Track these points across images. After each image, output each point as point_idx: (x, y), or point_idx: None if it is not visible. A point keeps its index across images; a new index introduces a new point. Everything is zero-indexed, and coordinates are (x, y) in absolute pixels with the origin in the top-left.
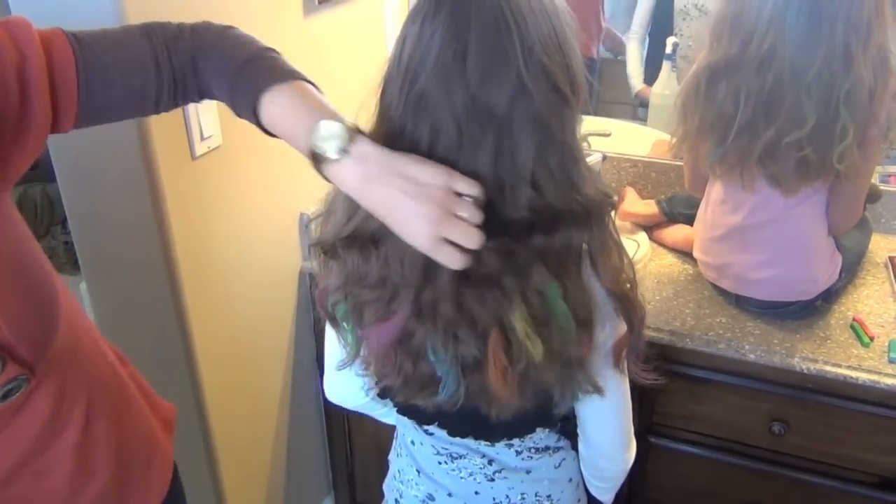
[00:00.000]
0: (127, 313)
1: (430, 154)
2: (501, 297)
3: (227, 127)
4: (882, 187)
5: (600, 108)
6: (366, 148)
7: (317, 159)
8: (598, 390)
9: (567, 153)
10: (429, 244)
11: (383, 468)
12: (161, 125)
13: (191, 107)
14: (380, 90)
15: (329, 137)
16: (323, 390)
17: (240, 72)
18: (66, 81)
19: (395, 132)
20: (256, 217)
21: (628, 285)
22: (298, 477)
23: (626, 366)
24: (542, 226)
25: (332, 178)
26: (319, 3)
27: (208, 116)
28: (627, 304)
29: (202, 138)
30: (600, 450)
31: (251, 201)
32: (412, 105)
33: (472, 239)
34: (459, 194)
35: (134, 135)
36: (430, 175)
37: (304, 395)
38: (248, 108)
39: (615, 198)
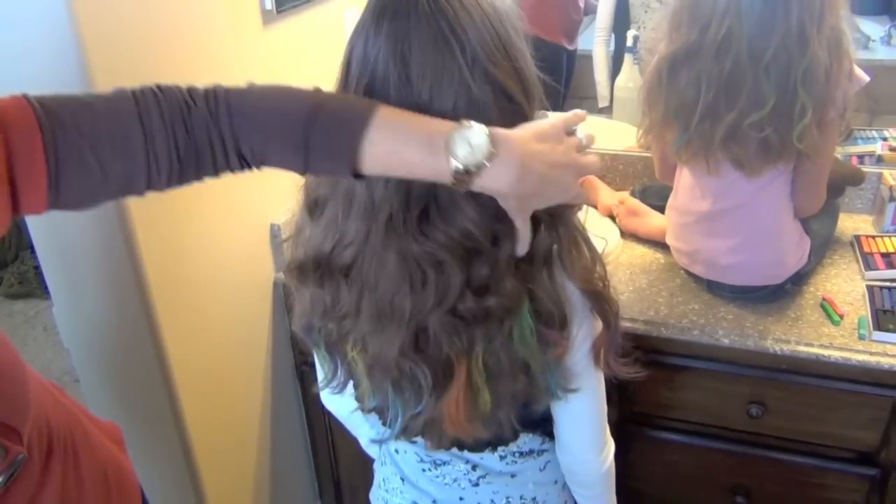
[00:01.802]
0: (100, 335)
1: None
2: (469, 331)
3: None
4: None
5: (567, 103)
6: (504, 137)
7: (464, 177)
8: (571, 391)
9: None
10: (578, 186)
11: (368, 474)
12: None
13: None
14: None
15: (471, 148)
16: (316, 400)
17: (311, 125)
18: (29, 161)
19: None
20: (226, 230)
21: (600, 283)
22: (284, 488)
23: (602, 366)
24: (508, 234)
25: (486, 184)
26: (278, 12)
27: None
28: (601, 301)
29: None
30: (573, 452)
31: (220, 215)
32: None
33: (595, 165)
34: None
35: None
36: (550, 128)
37: (285, 406)
38: (337, 161)
39: (581, 196)
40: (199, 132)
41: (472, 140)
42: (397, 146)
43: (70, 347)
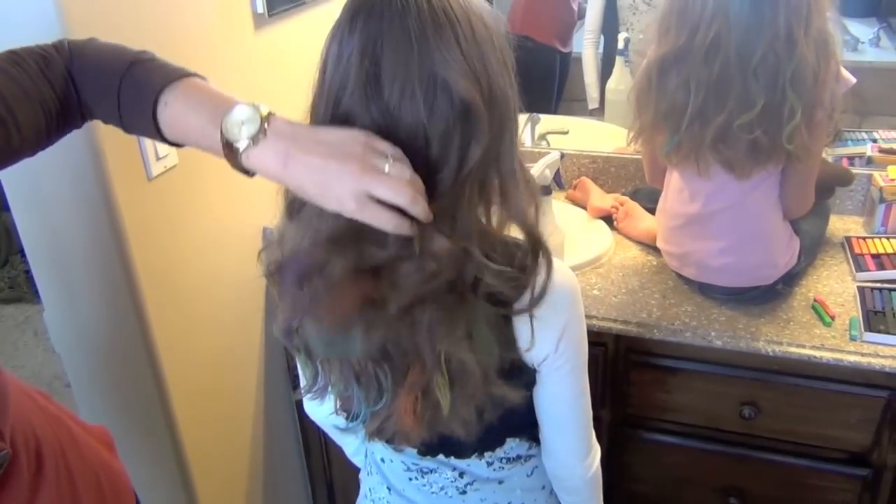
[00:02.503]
0: (91, 340)
1: None
2: (429, 333)
3: (181, 150)
4: None
5: (560, 106)
6: (281, 124)
7: (233, 150)
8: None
9: (492, 170)
10: (355, 203)
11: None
12: (113, 148)
13: None
14: (310, 110)
15: (244, 122)
16: (301, 404)
17: (124, 80)
18: None
19: None
20: (219, 235)
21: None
22: (277, 490)
23: (585, 371)
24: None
25: (254, 164)
26: (270, 16)
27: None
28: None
29: (157, 158)
30: (557, 458)
31: (212, 219)
32: (338, 125)
33: (400, 192)
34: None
35: (87, 159)
36: (349, 135)
37: (278, 409)
38: (143, 117)
39: (542, 240)
40: (60, 79)
41: (244, 119)
42: (185, 111)
43: (61, 352)
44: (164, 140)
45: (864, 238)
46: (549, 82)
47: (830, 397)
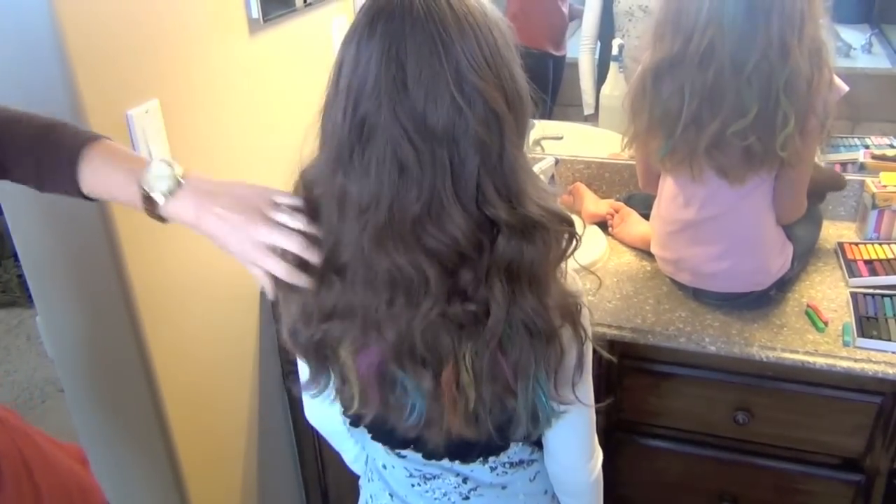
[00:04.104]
0: (84, 345)
1: (380, 176)
2: (458, 333)
3: (177, 151)
4: None
5: (554, 111)
6: (195, 180)
7: (153, 202)
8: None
9: (511, 172)
10: (255, 251)
11: (356, 485)
12: None
13: (138, 134)
14: (321, 115)
15: (161, 177)
16: (301, 411)
17: (43, 143)
18: None
19: (342, 156)
20: (212, 242)
21: (575, 311)
22: (271, 498)
23: (590, 375)
24: (492, 242)
25: (170, 214)
26: (265, 21)
27: (156, 141)
28: (572, 329)
29: None
30: (561, 462)
31: None
32: (357, 129)
33: (293, 240)
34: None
35: None
36: (254, 191)
37: (273, 416)
38: (63, 177)
39: (574, 225)
40: None
41: (164, 171)
42: (105, 168)
43: (54, 357)
44: (81, 196)
45: (856, 244)
46: (542, 88)
47: (824, 403)
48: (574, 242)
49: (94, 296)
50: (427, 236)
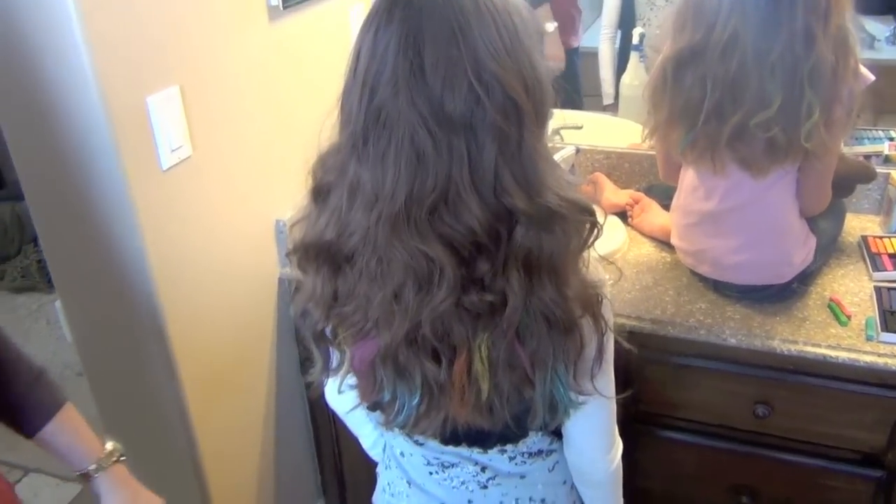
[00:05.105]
0: (103, 329)
1: (396, 164)
2: (473, 323)
3: (196, 137)
4: None
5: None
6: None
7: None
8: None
9: (530, 161)
10: None
11: (373, 471)
12: (127, 139)
13: (156, 118)
14: (339, 103)
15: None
16: (309, 391)
17: (36, 382)
18: None
19: (357, 144)
20: (231, 226)
21: (595, 302)
22: (288, 483)
23: (612, 366)
24: (510, 232)
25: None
26: (284, 8)
27: (176, 127)
28: (592, 320)
29: (171, 150)
30: (581, 452)
31: (225, 210)
32: (373, 116)
33: None
34: None
35: (101, 149)
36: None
37: (290, 401)
38: (38, 418)
39: (596, 215)
40: None
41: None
42: (80, 429)
43: (73, 341)
44: (24, 434)
45: (881, 237)
46: (569, 81)
47: (845, 397)
48: (595, 232)
49: (113, 281)
50: (443, 225)
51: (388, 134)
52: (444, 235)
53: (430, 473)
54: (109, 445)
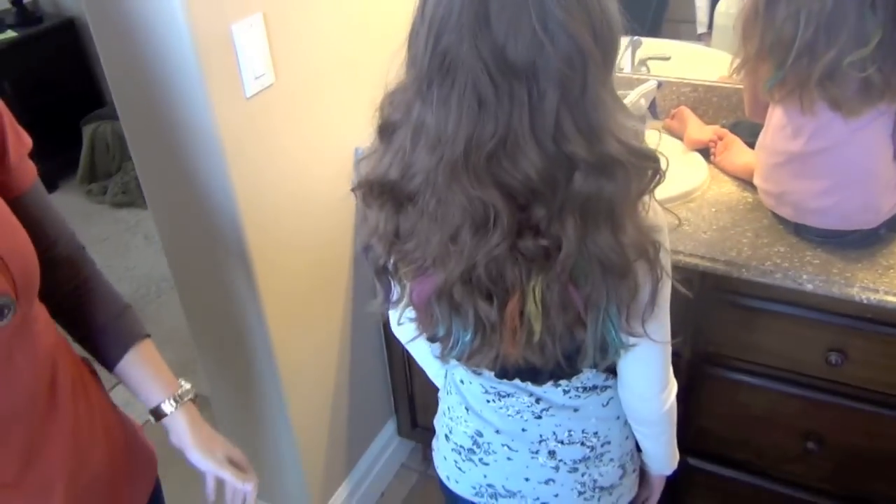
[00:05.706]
0: (191, 247)
1: (458, 110)
2: (527, 266)
3: (279, 65)
4: None
5: (664, 27)
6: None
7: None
8: (637, 335)
9: (593, 108)
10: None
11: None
12: (212, 66)
13: (240, 46)
14: (406, 43)
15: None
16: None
17: (121, 316)
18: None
19: (422, 87)
20: (312, 153)
21: (651, 249)
22: (362, 401)
23: (667, 307)
24: (568, 179)
25: (166, 423)
26: None
27: (259, 55)
28: (648, 266)
29: (255, 77)
30: (634, 390)
31: (306, 137)
32: (438, 61)
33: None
34: None
35: (187, 77)
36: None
37: (366, 325)
38: (118, 348)
39: (659, 160)
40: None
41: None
42: (157, 363)
43: (167, 255)
44: (107, 367)
45: None
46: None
47: None
48: (657, 178)
49: (199, 200)
50: (501, 171)
51: (452, 79)
52: (501, 181)
53: (488, 401)
54: (185, 384)
